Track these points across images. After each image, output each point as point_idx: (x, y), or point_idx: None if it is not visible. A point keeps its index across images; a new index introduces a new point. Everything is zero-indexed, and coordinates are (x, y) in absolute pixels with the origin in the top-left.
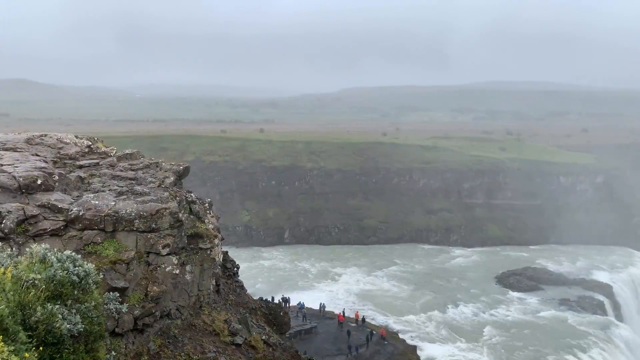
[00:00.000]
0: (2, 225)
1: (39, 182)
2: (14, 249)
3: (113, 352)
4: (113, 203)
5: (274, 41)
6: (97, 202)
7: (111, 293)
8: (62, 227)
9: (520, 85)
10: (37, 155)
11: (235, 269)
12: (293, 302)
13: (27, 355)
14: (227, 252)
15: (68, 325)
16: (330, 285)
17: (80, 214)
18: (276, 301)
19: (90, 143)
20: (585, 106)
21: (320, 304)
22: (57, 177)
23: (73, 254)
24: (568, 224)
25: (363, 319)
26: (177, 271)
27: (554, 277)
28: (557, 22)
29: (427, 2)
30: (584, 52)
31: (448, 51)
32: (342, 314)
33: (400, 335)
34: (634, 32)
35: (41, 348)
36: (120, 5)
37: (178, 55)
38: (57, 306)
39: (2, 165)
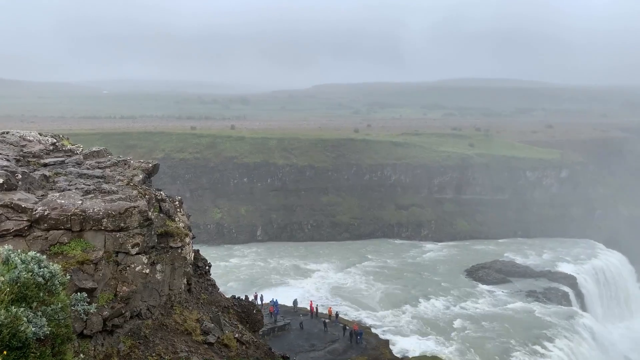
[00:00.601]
0: None
1: (0, 181)
2: None
3: (81, 355)
4: (80, 202)
5: (232, 39)
6: (63, 201)
7: (79, 294)
8: (26, 228)
9: (487, 82)
10: None
11: (207, 267)
12: (266, 299)
13: None
14: (198, 250)
15: (33, 329)
16: (303, 282)
17: (46, 213)
18: (251, 299)
19: (55, 140)
20: (550, 103)
21: (294, 300)
22: (20, 176)
23: (38, 254)
24: (534, 218)
25: (336, 315)
26: (148, 270)
27: (521, 269)
28: (506, 19)
29: (375, 2)
30: (538, 49)
31: (403, 50)
32: (314, 307)
33: (373, 330)
34: (593, 30)
35: (5, 352)
36: (81, 7)
37: (144, 53)
38: (22, 309)
39: None
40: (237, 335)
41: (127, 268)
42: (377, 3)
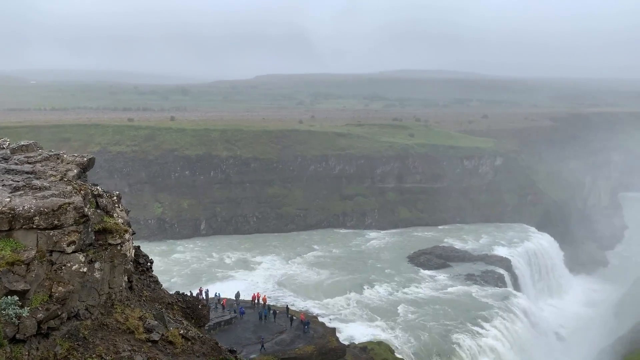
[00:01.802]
0: None
1: None
2: None
3: None
4: (8, 199)
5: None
6: None
7: (9, 297)
8: None
9: (425, 74)
10: None
11: (149, 263)
12: (211, 294)
13: None
14: (139, 246)
15: None
16: (249, 275)
17: None
18: (195, 294)
19: None
20: (485, 94)
21: (236, 293)
22: None
23: None
24: (472, 204)
25: (287, 309)
26: (85, 269)
27: (460, 254)
28: (402, 13)
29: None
30: (439, 43)
31: (311, 41)
32: (258, 297)
33: (320, 319)
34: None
35: None
36: None
37: (74, 40)
38: None
39: None
40: (182, 332)
41: (63, 267)
42: (279, 4)
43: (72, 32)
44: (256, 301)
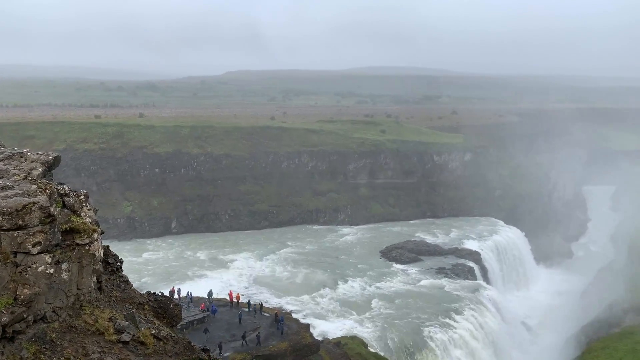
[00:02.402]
0: None
1: None
2: None
3: None
4: None
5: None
6: None
7: None
8: None
9: (395, 70)
10: None
11: (119, 263)
12: (183, 293)
13: None
14: (108, 246)
15: None
16: (222, 273)
17: None
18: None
19: None
20: (454, 90)
21: (209, 291)
22: None
23: None
24: (442, 199)
25: (261, 306)
26: (52, 270)
27: (431, 248)
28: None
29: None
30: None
31: (265, 39)
32: (234, 296)
33: (294, 315)
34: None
35: None
36: None
37: (36, 36)
38: None
39: None
40: (153, 332)
41: (28, 269)
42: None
43: (18, 28)
44: (234, 300)
